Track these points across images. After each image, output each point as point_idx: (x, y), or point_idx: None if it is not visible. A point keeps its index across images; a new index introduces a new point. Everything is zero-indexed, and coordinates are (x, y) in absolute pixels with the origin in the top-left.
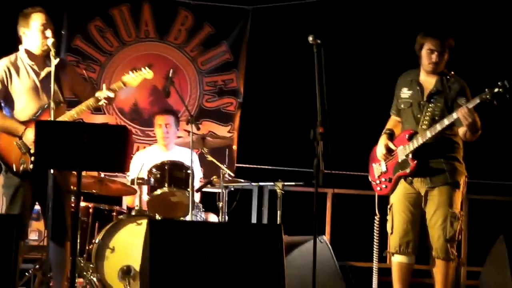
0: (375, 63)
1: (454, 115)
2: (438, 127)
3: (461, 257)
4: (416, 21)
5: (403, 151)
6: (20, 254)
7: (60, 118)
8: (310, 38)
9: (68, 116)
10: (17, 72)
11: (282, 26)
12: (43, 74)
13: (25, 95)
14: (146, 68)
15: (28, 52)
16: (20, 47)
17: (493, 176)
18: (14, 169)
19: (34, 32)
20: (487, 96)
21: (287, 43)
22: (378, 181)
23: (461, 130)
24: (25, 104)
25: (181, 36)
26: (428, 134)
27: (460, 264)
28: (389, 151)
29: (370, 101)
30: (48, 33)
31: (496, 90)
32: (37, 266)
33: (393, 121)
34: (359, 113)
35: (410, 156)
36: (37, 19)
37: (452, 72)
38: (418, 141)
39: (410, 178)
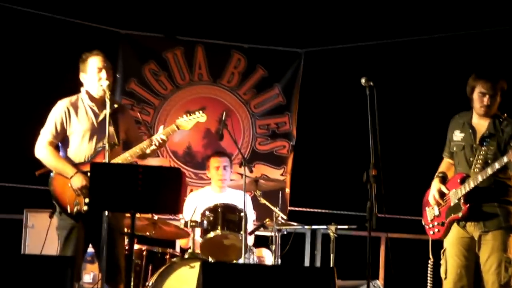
0: (428, 105)
1: (505, 159)
2: (489, 170)
3: None
4: (469, 63)
5: (455, 195)
6: None
7: (114, 160)
8: (363, 80)
9: (122, 158)
10: (76, 112)
11: (335, 69)
12: (101, 116)
13: (81, 136)
14: (200, 111)
15: (88, 93)
16: (82, 89)
17: None
18: (69, 211)
19: (90, 76)
20: None
21: (339, 85)
22: (431, 225)
23: None
24: (81, 145)
25: (234, 79)
26: (480, 178)
27: None
28: (442, 195)
29: (424, 143)
30: (103, 75)
31: None
32: None
33: (445, 164)
34: (412, 156)
35: (462, 200)
36: (93, 63)
37: (505, 115)
38: (470, 184)
39: (463, 222)
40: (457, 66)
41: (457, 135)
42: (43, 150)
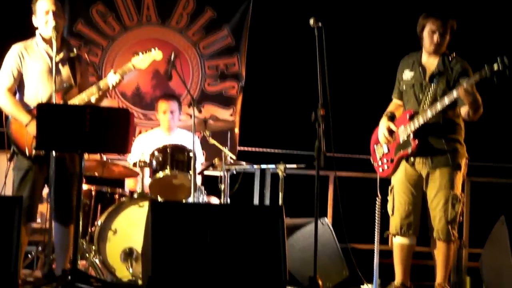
0: (377, 45)
1: (454, 93)
2: (439, 105)
3: (463, 239)
4: (417, 3)
5: (404, 132)
6: (25, 236)
7: (71, 102)
8: (311, 21)
9: (79, 99)
10: (31, 55)
11: (284, 10)
12: (56, 58)
13: (37, 79)
14: (156, 48)
15: (41, 36)
16: (36, 31)
17: (495, 158)
18: (27, 153)
19: (39, 19)
20: (487, 73)
21: (288, 26)
22: (380, 162)
23: (463, 110)
24: (37, 88)
25: (183, 21)
26: (429, 113)
27: (462, 246)
28: (391, 133)
29: (372, 83)
30: (50, 17)
31: (495, 66)
32: (40, 248)
33: (394, 105)
34: (360, 96)
35: (411, 136)
36: (41, 5)
37: (454, 54)
38: (419, 120)
39: (412, 159)
40: (406, 5)
41: (407, 74)
42: (2, 97)
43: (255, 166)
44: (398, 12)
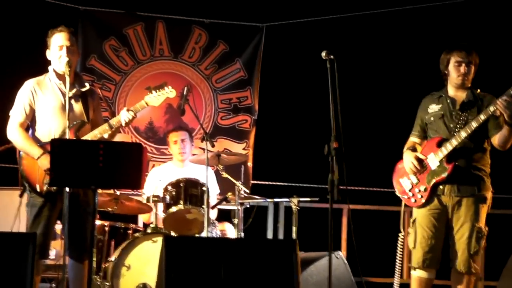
0: (390, 79)
1: (491, 108)
2: (474, 124)
3: (477, 271)
4: (427, 37)
5: (435, 158)
6: (38, 273)
7: (84, 138)
8: (323, 54)
9: (91, 135)
10: (43, 91)
11: (296, 43)
12: (70, 94)
13: (50, 115)
14: (169, 87)
15: (55, 71)
16: (50, 67)
17: (509, 190)
18: (38, 190)
19: (53, 53)
20: None
21: (300, 59)
22: (411, 194)
23: (497, 136)
24: (49, 124)
25: (195, 54)
26: (463, 134)
27: (477, 278)
28: (419, 162)
29: (384, 117)
30: (63, 52)
31: None
32: (54, 285)
33: (411, 143)
34: (373, 129)
35: (445, 160)
36: (55, 40)
37: (479, 90)
38: (452, 143)
39: (441, 187)
40: (416, 39)
41: (434, 108)
42: (14, 132)
43: (269, 200)
44: (412, 46)
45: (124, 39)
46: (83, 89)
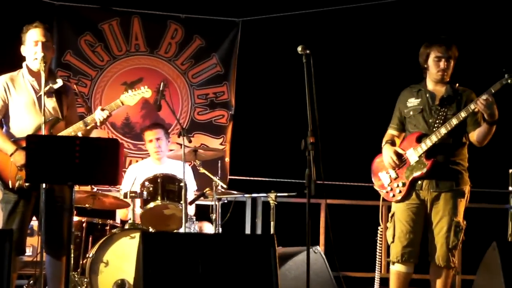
0: (367, 73)
1: (472, 106)
2: (455, 121)
3: (455, 265)
4: (406, 31)
5: (414, 153)
6: (15, 270)
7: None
8: (299, 49)
9: (65, 133)
10: (16, 87)
11: (272, 38)
12: (41, 91)
13: (22, 111)
14: (145, 86)
15: (28, 68)
16: (24, 63)
17: (487, 184)
18: (10, 186)
19: (28, 49)
20: (508, 81)
21: (277, 54)
22: (389, 188)
23: (476, 132)
24: (23, 121)
25: (172, 50)
26: (443, 131)
27: (455, 272)
28: (399, 157)
29: (361, 111)
30: (38, 48)
31: None
32: (31, 282)
33: (389, 136)
34: (350, 123)
35: (424, 156)
36: (30, 36)
37: (457, 84)
38: (432, 139)
39: (420, 182)
40: (393, 32)
41: (413, 101)
42: None
43: (246, 195)
44: (389, 39)
45: (100, 35)
46: (56, 86)
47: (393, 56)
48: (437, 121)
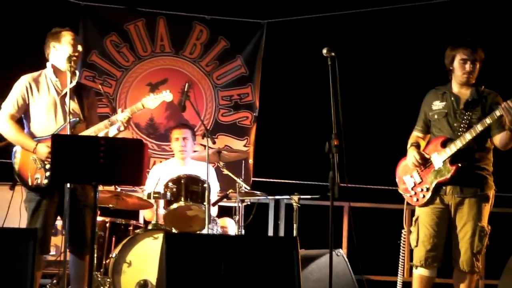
0: (391, 76)
1: (497, 113)
2: (479, 127)
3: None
4: (430, 34)
5: (439, 158)
6: (39, 268)
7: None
8: (324, 51)
9: (87, 133)
10: (38, 88)
11: (297, 40)
12: (64, 92)
13: (44, 112)
14: (167, 91)
15: (54, 67)
16: (48, 63)
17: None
18: (29, 183)
19: (65, 46)
20: None
21: (302, 56)
22: (413, 192)
23: (499, 135)
24: (45, 121)
25: (197, 51)
26: (468, 136)
27: (479, 277)
28: (424, 160)
29: (386, 114)
30: (79, 48)
31: None
32: (55, 281)
33: (414, 137)
34: (375, 126)
35: (448, 161)
36: (68, 36)
37: (483, 87)
38: (457, 145)
39: (444, 187)
40: (418, 35)
41: (438, 105)
42: (4, 123)
43: (269, 197)
44: (413, 42)
45: (125, 35)
46: (71, 85)
47: (418, 58)
48: (462, 125)
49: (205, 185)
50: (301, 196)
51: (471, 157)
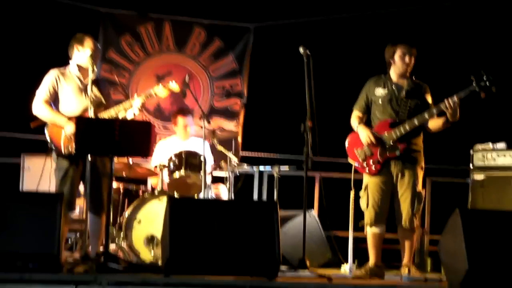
0: (348, 69)
1: (442, 106)
2: (427, 116)
3: (425, 227)
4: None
5: (389, 137)
6: (67, 223)
7: (101, 115)
8: (301, 49)
9: (107, 114)
10: (65, 79)
11: (279, 41)
12: (86, 81)
13: (71, 96)
14: (174, 81)
15: (78, 65)
16: (71, 61)
17: (451, 161)
18: (63, 151)
19: (86, 48)
20: (476, 89)
21: (283, 54)
22: (365, 164)
23: (434, 122)
24: (71, 103)
25: (196, 49)
26: (416, 122)
27: (424, 233)
28: (376, 138)
29: (348, 100)
30: (97, 49)
31: (482, 83)
32: (78, 235)
33: (358, 117)
34: (338, 110)
35: (398, 141)
36: (89, 40)
37: (414, 77)
38: (405, 127)
39: (390, 161)
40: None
41: (380, 91)
42: (40, 106)
43: (255, 168)
44: (363, 44)
45: (137, 35)
46: (92, 77)
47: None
48: (403, 111)
49: (202, 158)
50: (281, 167)
51: (412, 137)
